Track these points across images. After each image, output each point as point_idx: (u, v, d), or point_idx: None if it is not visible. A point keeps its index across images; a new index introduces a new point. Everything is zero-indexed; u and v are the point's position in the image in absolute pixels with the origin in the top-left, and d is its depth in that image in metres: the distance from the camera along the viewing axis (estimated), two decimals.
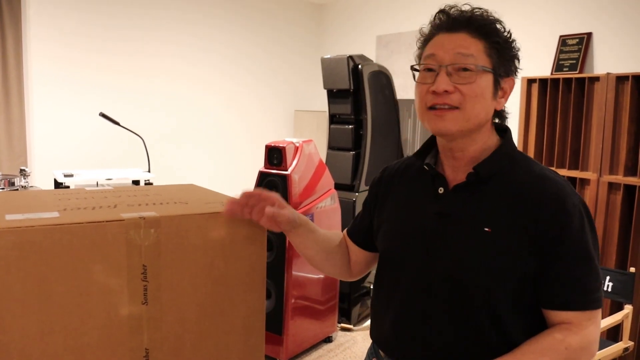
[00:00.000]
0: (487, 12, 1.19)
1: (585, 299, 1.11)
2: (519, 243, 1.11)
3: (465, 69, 1.13)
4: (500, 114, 1.24)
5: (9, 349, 1.00)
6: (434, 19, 1.21)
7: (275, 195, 1.28)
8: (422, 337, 1.20)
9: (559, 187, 1.13)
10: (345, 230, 1.50)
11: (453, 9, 1.20)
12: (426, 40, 1.22)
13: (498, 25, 1.18)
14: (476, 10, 1.19)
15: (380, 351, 1.32)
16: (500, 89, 1.18)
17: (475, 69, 1.13)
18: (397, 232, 1.29)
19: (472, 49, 1.14)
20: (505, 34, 1.18)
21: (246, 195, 1.22)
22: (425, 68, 1.18)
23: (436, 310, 1.18)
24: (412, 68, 1.23)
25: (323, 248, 1.41)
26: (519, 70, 1.23)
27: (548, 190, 1.12)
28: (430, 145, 1.31)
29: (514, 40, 1.20)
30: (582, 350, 1.11)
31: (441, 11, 1.21)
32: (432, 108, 1.16)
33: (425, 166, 1.27)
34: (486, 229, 1.13)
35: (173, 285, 1.15)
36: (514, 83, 1.21)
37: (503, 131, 1.26)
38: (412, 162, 1.34)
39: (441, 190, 1.22)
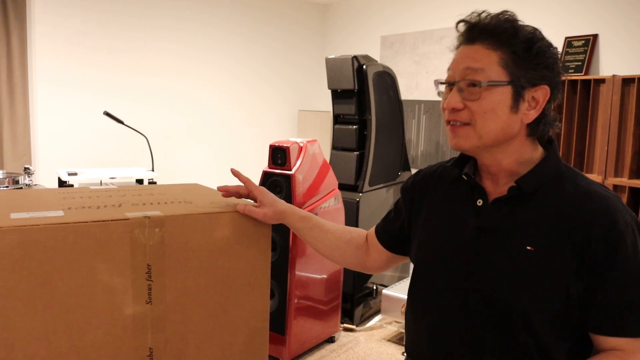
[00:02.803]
0: (509, 17, 1.10)
1: (639, 325, 1.05)
2: (564, 264, 1.04)
3: (472, 84, 1.08)
4: (534, 127, 1.13)
5: (14, 348, 1.00)
6: (456, 27, 1.15)
7: (258, 191, 1.31)
8: (459, 356, 1.15)
9: (608, 203, 1.05)
10: (373, 228, 1.45)
11: (473, 15, 1.13)
12: (455, 51, 1.17)
13: (519, 33, 1.08)
14: (495, 16, 1.10)
15: None
16: (523, 101, 1.09)
17: (480, 85, 1.07)
18: (432, 245, 1.23)
19: (483, 61, 1.08)
20: (527, 39, 1.08)
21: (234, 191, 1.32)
22: (444, 83, 1.15)
23: (474, 330, 1.12)
24: (437, 83, 1.20)
25: (330, 245, 1.41)
26: (556, 76, 1.11)
27: (597, 208, 1.05)
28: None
29: (542, 46, 1.09)
30: None
31: (460, 20, 1.14)
32: (448, 123, 1.14)
33: (464, 176, 1.21)
34: (528, 248, 1.07)
35: (177, 284, 1.15)
36: (547, 91, 1.10)
37: (549, 143, 1.18)
38: (449, 169, 1.29)
39: (480, 202, 1.17)
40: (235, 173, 1.36)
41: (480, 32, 1.10)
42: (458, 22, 1.15)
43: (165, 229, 1.12)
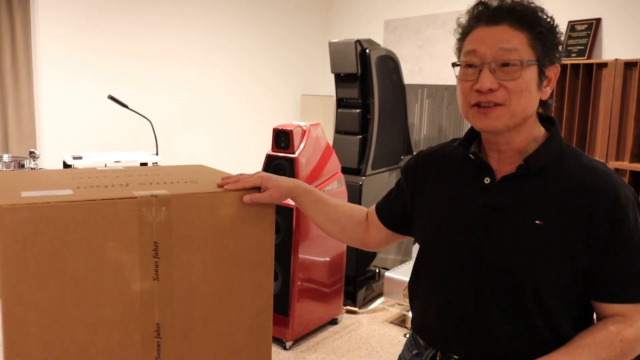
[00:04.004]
0: None
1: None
2: (571, 237, 1.09)
3: (508, 64, 1.09)
4: (545, 103, 1.19)
5: (26, 322, 1.03)
6: (472, 10, 1.16)
7: (257, 180, 1.29)
8: (470, 329, 1.19)
9: (611, 180, 1.10)
10: (374, 206, 1.47)
11: None
12: (465, 32, 1.18)
13: (540, 13, 1.12)
14: None
15: (421, 341, 1.31)
16: (545, 78, 1.14)
17: (520, 64, 1.09)
18: (441, 223, 1.26)
19: (514, 42, 1.09)
20: (548, 20, 1.13)
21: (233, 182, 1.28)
22: (467, 64, 1.15)
23: (485, 303, 1.16)
24: (454, 65, 1.19)
25: (331, 218, 1.43)
26: (562, 55, 1.18)
27: (602, 184, 1.10)
28: (473, 133, 1.27)
29: (557, 26, 1.14)
30: (637, 342, 1.09)
31: (480, 2, 1.15)
32: (476, 105, 1.14)
33: (471, 155, 1.23)
34: (537, 222, 1.11)
35: (183, 262, 1.18)
36: (559, 70, 1.16)
37: (547, 121, 1.22)
38: (453, 149, 1.31)
39: (487, 180, 1.19)
40: (224, 186, 1.27)
41: (508, 12, 1.11)
42: (478, 3, 1.16)
43: (171, 207, 1.14)
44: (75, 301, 1.08)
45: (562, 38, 1.17)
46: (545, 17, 1.13)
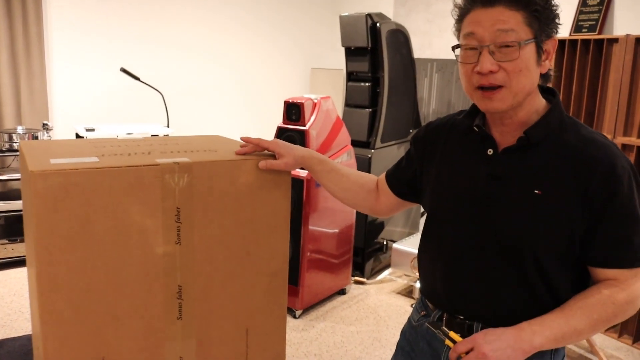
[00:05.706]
0: None
1: (633, 257, 1.15)
2: (568, 206, 1.14)
3: (506, 46, 1.12)
4: (545, 75, 1.21)
5: (57, 280, 1.09)
6: None
7: (273, 145, 1.37)
8: (473, 292, 1.26)
9: (608, 150, 1.14)
10: (384, 174, 1.53)
11: None
12: (462, 14, 1.21)
13: None
14: None
15: (429, 304, 1.38)
16: (543, 53, 1.16)
17: (517, 45, 1.11)
18: (446, 192, 1.31)
19: (511, 22, 1.11)
20: None
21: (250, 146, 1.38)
22: (468, 47, 1.18)
23: (486, 268, 1.23)
24: (454, 47, 1.23)
25: (344, 187, 1.50)
26: (559, 26, 1.20)
27: (598, 154, 1.13)
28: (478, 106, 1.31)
29: (553, 0, 1.16)
30: (627, 305, 1.15)
31: None
32: (479, 87, 1.17)
33: (475, 127, 1.27)
34: (536, 192, 1.16)
35: (204, 226, 1.23)
36: (556, 42, 1.18)
37: (548, 92, 1.25)
38: (459, 121, 1.35)
39: (490, 151, 1.23)
40: (244, 139, 1.41)
41: None
42: None
43: (193, 174, 1.20)
44: (101, 263, 1.14)
45: (558, 10, 1.18)
46: None
